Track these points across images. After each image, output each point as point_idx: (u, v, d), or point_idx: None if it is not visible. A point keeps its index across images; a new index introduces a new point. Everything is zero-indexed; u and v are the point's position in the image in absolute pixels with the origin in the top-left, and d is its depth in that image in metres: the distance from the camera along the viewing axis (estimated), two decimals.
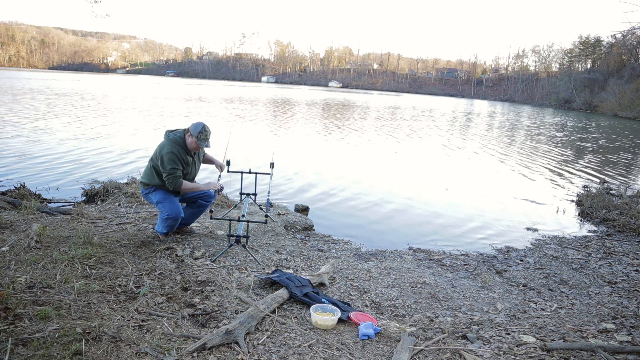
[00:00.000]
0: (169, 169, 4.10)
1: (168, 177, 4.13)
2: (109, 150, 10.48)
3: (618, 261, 5.18)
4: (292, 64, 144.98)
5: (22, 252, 3.69)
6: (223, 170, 4.77)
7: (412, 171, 10.86)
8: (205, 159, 4.68)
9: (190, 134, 4.18)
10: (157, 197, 4.25)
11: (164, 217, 4.24)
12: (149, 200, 4.42)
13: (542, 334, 3.13)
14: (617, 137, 23.92)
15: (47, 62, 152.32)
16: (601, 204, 7.51)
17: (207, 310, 3.05)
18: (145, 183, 4.32)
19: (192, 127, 4.18)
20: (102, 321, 2.74)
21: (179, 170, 4.16)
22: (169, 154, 4.10)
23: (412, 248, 5.52)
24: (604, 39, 75.57)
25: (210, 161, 4.73)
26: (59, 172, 8.20)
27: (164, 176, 4.14)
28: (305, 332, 2.92)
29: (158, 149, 4.21)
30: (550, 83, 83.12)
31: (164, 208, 4.22)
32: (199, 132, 4.14)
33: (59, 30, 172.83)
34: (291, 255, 4.63)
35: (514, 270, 4.80)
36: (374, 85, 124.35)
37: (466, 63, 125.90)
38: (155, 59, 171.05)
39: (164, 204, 4.22)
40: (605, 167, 13.04)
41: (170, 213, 4.20)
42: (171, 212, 4.20)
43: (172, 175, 4.12)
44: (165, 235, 4.42)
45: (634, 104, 47.31)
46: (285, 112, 26.34)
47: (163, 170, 4.12)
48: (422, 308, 3.69)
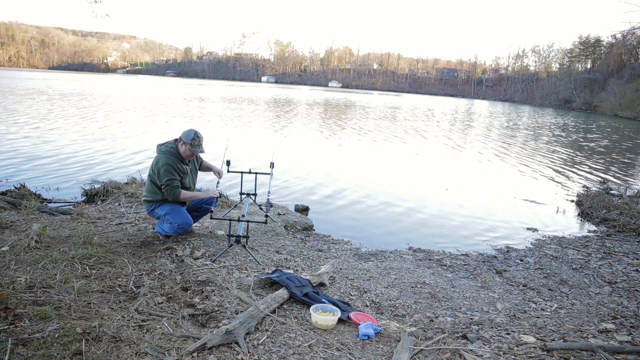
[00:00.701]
0: (165, 180, 4.11)
1: (166, 189, 4.14)
2: (109, 151, 10.48)
3: (618, 261, 5.18)
4: (292, 64, 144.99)
5: (22, 252, 3.69)
6: (222, 176, 4.79)
7: (412, 171, 10.87)
8: (204, 166, 4.71)
9: (183, 142, 4.17)
10: (164, 210, 4.25)
11: (174, 227, 4.26)
12: (155, 216, 4.37)
13: (542, 334, 3.13)
14: (617, 137, 23.92)
15: (47, 62, 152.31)
16: (601, 204, 7.51)
17: (207, 310, 3.05)
18: (148, 200, 4.32)
19: (184, 135, 4.17)
20: (102, 321, 2.74)
21: (177, 181, 4.17)
22: (164, 166, 4.11)
23: (412, 248, 5.52)
24: (604, 39, 75.69)
25: (208, 168, 4.76)
26: (59, 172, 8.20)
27: (162, 188, 4.16)
28: (305, 332, 2.92)
29: (153, 163, 4.22)
30: (550, 83, 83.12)
31: (174, 219, 4.23)
32: (192, 139, 4.13)
33: (59, 30, 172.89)
34: (291, 255, 4.63)
35: (514, 270, 4.80)
36: (374, 85, 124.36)
37: (466, 63, 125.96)
38: (155, 59, 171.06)
39: (172, 215, 4.23)
40: (606, 167, 13.04)
41: (182, 223, 4.25)
42: (182, 222, 4.25)
43: (169, 187, 4.14)
44: (166, 237, 4.42)
45: (634, 104, 47.30)
46: (285, 112, 26.35)
47: (160, 182, 4.14)
48: (422, 308, 3.69)
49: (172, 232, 4.31)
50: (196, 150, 4.20)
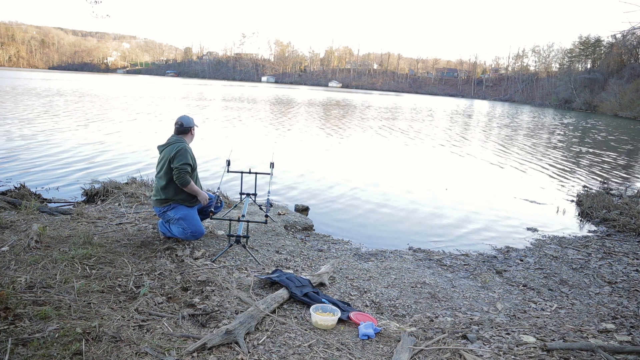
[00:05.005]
0: (181, 163, 4.07)
1: (180, 173, 4.06)
2: (109, 151, 10.47)
3: (618, 261, 5.18)
4: (292, 64, 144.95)
5: (22, 252, 3.69)
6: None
7: (412, 171, 10.86)
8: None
9: (193, 128, 4.43)
10: (179, 214, 4.20)
11: (186, 233, 4.24)
12: (165, 218, 4.28)
13: (542, 334, 3.13)
14: (617, 137, 23.92)
15: (47, 62, 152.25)
16: (601, 204, 7.51)
17: (207, 310, 3.05)
18: (161, 200, 4.20)
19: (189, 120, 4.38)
20: (102, 321, 2.74)
21: (190, 167, 4.17)
22: (183, 150, 4.12)
23: (412, 248, 5.52)
24: (604, 39, 75.72)
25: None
26: (59, 172, 8.20)
27: (174, 170, 4.07)
28: (305, 332, 2.92)
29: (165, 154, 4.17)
30: (550, 83, 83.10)
31: (188, 225, 4.21)
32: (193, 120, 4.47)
33: (59, 30, 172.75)
34: (291, 255, 4.63)
35: (514, 270, 4.80)
36: (374, 85, 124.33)
37: (466, 63, 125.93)
38: (155, 59, 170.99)
39: (187, 221, 4.21)
40: (605, 167, 13.04)
41: (195, 231, 4.24)
42: (195, 230, 4.24)
43: (183, 171, 4.08)
44: (167, 237, 4.42)
45: (634, 104, 47.29)
46: (285, 112, 26.34)
47: (174, 164, 4.06)
48: (422, 308, 3.69)
49: (181, 236, 4.28)
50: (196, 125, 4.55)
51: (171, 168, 4.10)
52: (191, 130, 4.40)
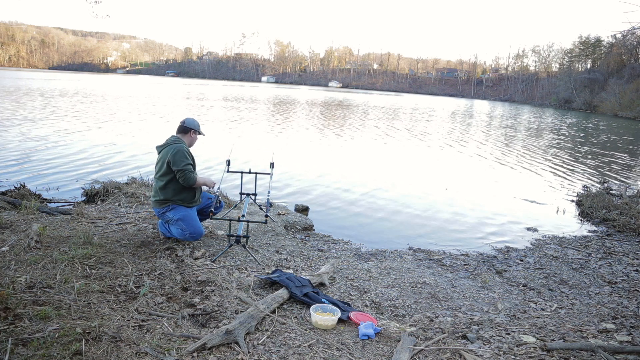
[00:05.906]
0: (182, 165, 4.08)
1: (184, 174, 4.07)
2: (109, 151, 10.48)
3: (618, 261, 5.18)
4: (292, 64, 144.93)
5: (22, 252, 3.69)
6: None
7: (412, 171, 10.86)
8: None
9: (195, 131, 4.40)
10: (178, 215, 4.20)
11: (185, 235, 4.23)
12: (164, 219, 4.28)
13: (542, 334, 3.13)
14: (617, 137, 23.92)
15: (47, 62, 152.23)
16: (601, 204, 7.51)
17: (207, 310, 3.05)
18: (160, 200, 4.20)
19: (193, 124, 4.37)
20: (102, 321, 2.74)
21: (191, 165, 4.19)
22: (180, 152, 4.12)
23: (412, 248, 5.52)
24: (604, 39, 75.72)
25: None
26: (59, 172, 8.20)
27: (178, 174, 4.08)
28: (305, 332, 2.92)
29: (163, 155, 4.17)
30: (550, 83, 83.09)
31: (187, 226, 4.20)
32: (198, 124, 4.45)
33: (59, 30, 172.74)
34: (291, 255, 4.62)
35: (514, 270, 4.80)
36: (374, 85, 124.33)
37: (466, 63, 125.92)
38: (155, 59, 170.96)
39: (186, 222, 4.20)
40: (605, 167, 13.04)
41: (194, 232, 4.24)
42: (194, 231, 4.24)
43: (187, 171, 4.09)
44: (167, 237, 4.42)
45: (634, 104, 47.29)
46: (285, 112, 26.34)
47: (177, 167, 4.07)
48: (422, 308, 3.69)
49: (180, 237, 4.28)
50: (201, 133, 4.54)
51: (172, 170, 4.11)
52: (191, 132, 4.37)
